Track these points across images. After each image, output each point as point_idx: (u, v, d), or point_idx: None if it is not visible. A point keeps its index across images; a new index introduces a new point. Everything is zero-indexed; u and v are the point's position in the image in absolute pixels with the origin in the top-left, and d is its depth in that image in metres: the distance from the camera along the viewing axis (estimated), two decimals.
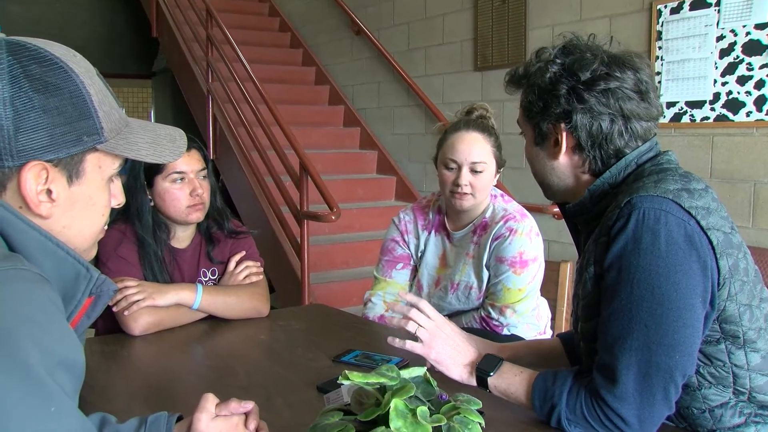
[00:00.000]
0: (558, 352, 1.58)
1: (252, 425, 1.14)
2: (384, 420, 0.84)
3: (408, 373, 0.93)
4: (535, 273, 2.08)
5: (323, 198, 3.97)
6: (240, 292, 2.08)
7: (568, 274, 2.30)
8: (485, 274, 2.10)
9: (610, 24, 3.89)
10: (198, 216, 2.05)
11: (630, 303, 1.17)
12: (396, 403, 0.84)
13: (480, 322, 2.09)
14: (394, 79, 5.58)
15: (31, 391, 0.70)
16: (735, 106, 3.34)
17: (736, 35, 3.32)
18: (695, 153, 3.52)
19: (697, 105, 3.48)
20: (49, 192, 0.88)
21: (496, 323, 2.05)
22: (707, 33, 3.43)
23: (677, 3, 3.54)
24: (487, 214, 2.13)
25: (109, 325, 1.99)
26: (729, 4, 3.33)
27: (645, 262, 1.15)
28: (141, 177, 2.01)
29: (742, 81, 3.31)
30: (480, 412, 0.90)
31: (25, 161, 0.85)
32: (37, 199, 0.87)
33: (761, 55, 3.24)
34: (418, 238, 2.25)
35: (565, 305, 2.29)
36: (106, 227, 1.04)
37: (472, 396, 0.93)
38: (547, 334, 2.21)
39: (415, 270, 2.28)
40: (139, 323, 1.90)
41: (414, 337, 1.43)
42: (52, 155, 0.87)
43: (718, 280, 1.18)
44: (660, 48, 3.63)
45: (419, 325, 1.42)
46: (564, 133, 1.32)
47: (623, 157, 1.30)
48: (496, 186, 2.19)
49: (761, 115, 3.25)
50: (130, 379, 1.63)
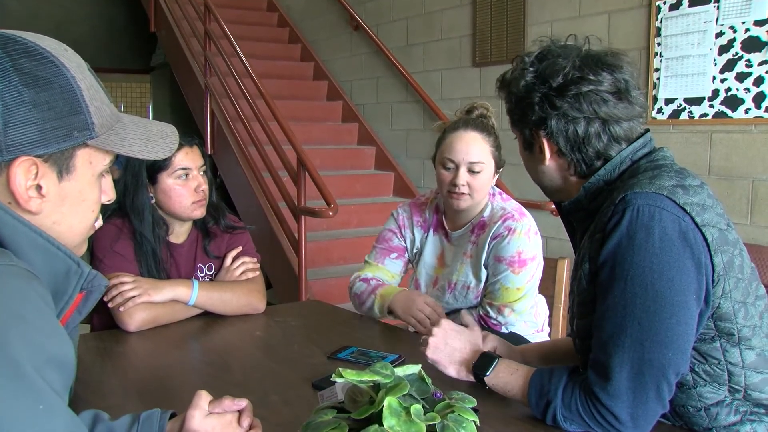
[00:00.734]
0: (572, 354, 1.57)
1: (245, 422, 1.14)
2: (378, 418, 0.83)
3: (402, 370, 0.92)
4: (534, 272, 2.07)
5: (321, 194, 3.97)
6: (236, 288, 2.08)
7: (565, 271, 2.30)
8: (483, 274, 2.09)
9: (608, 20, 3.88)
10: (201, 212, 2.06)
11: (624, 300, 1.16)
12: (390, 401, 0.83)
13: (478, 320, 2.09)
14: (393, 75, 5.57)
15: (20, 389, 0.69)
16: (734, 103, 3.33)
17: (735, 32, 3.31)
18: (694, 150, 3.52)
19: (696, 102, 3.48)
20: (38, 187, 0.87)
21: (495, 322, 2.05)
22: (706, 29, 3.42)
23: None
24: (486, 214, 2.12)
25: (105, 321, 1.99)
26: (728, 1, 3.32)
27: (639, 259, 1.15)
28: (143, 174, 2.00)
29: (741, 78, 3.30)
30: (475, 410, 0.90)
31: (14, 156, 0.84)
32: (26, 194, 0.86)
33: (760, 51, 3.23)
34: (413, 235, 2.24)
35: (563, 302, 2.29)
36: (101, 222, 1.03)
37: (466, 394, 0.92)
38: (545, 332, 2.21)
39: (407, 264, 2.27)
40: (135, 319, 1.89)
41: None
42: (42, 150, 0.86)
43: (713, 277, 1.18)
44: (659, 44, 3.62)
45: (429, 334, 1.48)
46: (543, 140, 1.33)
47: (608, 159, 1.29)
48: (494, 184, 2.18)
49: (760, 112, 3.24)
50: (124, 375, 1.62)
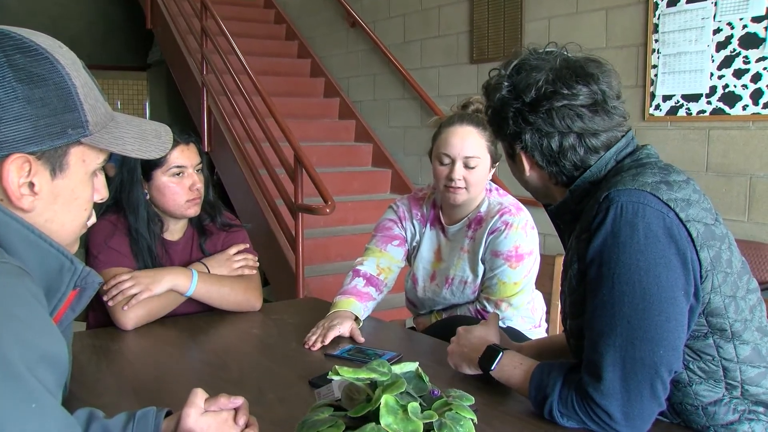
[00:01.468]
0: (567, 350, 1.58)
1: (241, 421, 1.13)
2: (375, 416, 0.83)
3: (400, 368, 0.92)
4: (531, 267, 2.07)
5: (318, 191, 3.96)
6: (234, 283, 2.07)
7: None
8: (480, 269, 2.09)
9: (606, 16, 3.88)
10: (195, 210, 2.04)
11: (612, 298, 1.16)
12: (387, 399, 0.83)
13: (475, 314, 2.09)
14: (390, 72, 5.56)
15: (11, 388, 0.68)
16: (731, 99, 3.33)
17: (732, 28, 3.31)
18: (691, 146, 3.51)
19: (694, 98, 3.47)
20: (31, 185, 0.87)
21: None
22: (704, 26, 3.42)
23: None
24: (482, 209, 2.12)
25: (100, 319, 1.98)
26: None
27: (625, 257, 1.15)
28: (137, 171, 1.99)
29: (739, 74, 3.30)
30: (472, 408, 0.89)
31: (7, 153, 0.83)
32: (19, 192, 0.85)
33: (758, 48, 3.23)
34: (413, 228, 2.24)
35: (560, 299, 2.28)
36: (94, 220, 1.02)
37: (464, 392, 0.92)
38: (542, 327, 2.21)
39: (407, 254, 2.26)
40: (131, 318, 1.89)
41: None
42: (36, 147, 0.85)
43: (701, 272, 1.18)
44: (656, 41, 3.62)
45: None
46: (521, 153, 1.34)
47: (587, 168, 1.29)
48: (491, 180, 2.18)
49: (757, 109, 3.24)
50: (120, 373, 1.61)
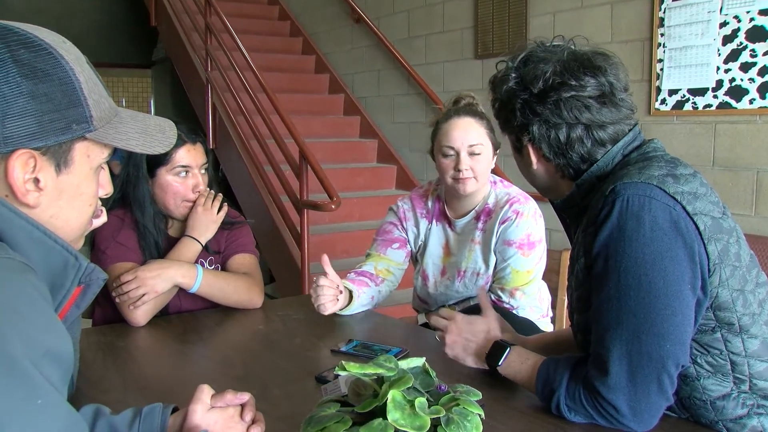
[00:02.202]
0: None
1: (248, 416, 1.13)
2: (381, 411, 0.82)
3: (406, 363, 0.92)
4: (541, 255, 2.11)
5: (323, 187, 3.96)
6: (238, 281, 2.07)
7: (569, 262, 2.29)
8: (492, 259, 2.11)
9: (611, 11, 3.86)
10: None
11: (618, 292, 1.16)
12: (394, 395, 0.83)
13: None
14: (395, 68, 5.55)
15: (16, 384, 0.68)
16: (738, 93, 3.31)
17: (739, 21, 3.29)
18: (697, 141, 3.50)
19: (700, 92, 3.45)
20: (36, 181, 0.86)
21: (507, 305, 2.06)
22: (710, 19, 3.40)
23: None
24: (490, 200, 2.14)
25: (106, 316, 1.98)
26: None
27: (630, 250, 1.14)
28: (143, 166, 1.98)
29: (746, 68, 3.28)
30: (479, 403, 0.89)
31: (12, 149, 0.83)
32: (24, 188, 0.85)
33: (765, 41, 3.20)
34: (417, 227, 2.24)
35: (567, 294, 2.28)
36: (105, 219, 1.02)
37: (471, 387, 0.92)
38: (548, 317, 2.23)
39: (410, 256, 2.27)
40: (139, 315, 1.89)
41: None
42: (41, 143, 0.85)
43: (708, 266, 1.17)
44: (662, 35, 3.60)
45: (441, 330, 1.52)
46: (528, 145, 1.33)
47: (594, 162, 1.29)
48: (494, 173, 2.19)
49: (764, 103, 3.22)
50: (126, 370, 1.61)
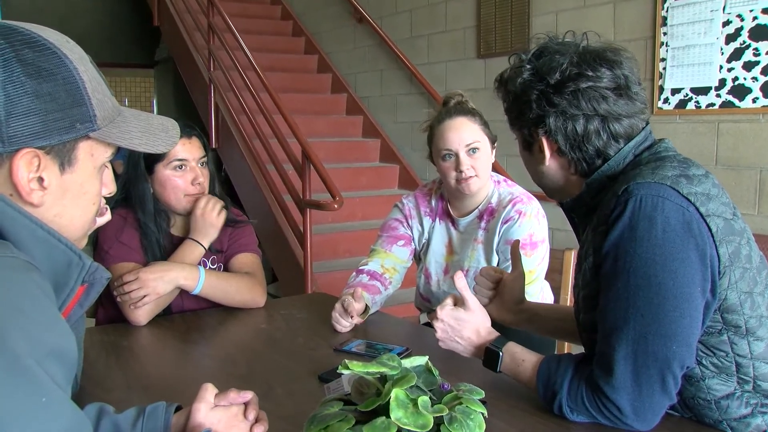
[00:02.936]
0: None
1: (251, 415, 1.13)
2: (385, 410, 0.82)
3: (409, 362, 0.92)
4: (544, 254, 2.10)
5: (326, 186, 3.96)
6: (240, 281, 2.07)
7: (572, 262, 2.29)
8: (495, 259, 2.11)
9: (614, 10, 3.86)
10: None
11: (627, 292, 1.15)
12: (397, 393, 0.83)
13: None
14: (397, 67, 5.55)
15: (21, 382, 0.68)
16: (741, 92, 3.30)
17: (742, 20, 3.28)
18: (700, 140, 3.49)
19: (703, 91, 3.45)
20: (40, 180, 0.87)
21: None
22: (713, 18, 3.39)
23: None
24: (493, 200, 2.14)
25: (109, 315, 1.99)
26: None
27: (642, 250, 1.14)
28: (141, 164, 1.99)
29: (749, 67, 3.27)
30: (482, 401, 0.89)
31: (17, 148, 0.83)
32: (28, 186, 0.85)
33: None
34: (422, 225, 2.24)
35: (569, 294, 2.28)
36: (109, 217, 1.03)
37: (474, 386, 0.92)
38: None
39: (413, 253, 2.27)
40: (141, 315, 1.90)
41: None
42: (45, 142, 0.85)
43: (719, 268, 1.16)
44: (665, 34, 3.59)
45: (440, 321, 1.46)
46: (543, 138, 1.31)
47: (608, 158, 1.28)
48: (498, 172, 2.19)
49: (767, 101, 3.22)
50: (129, 368, 1.62)
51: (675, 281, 1.13)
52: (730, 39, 3.33)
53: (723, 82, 3.37)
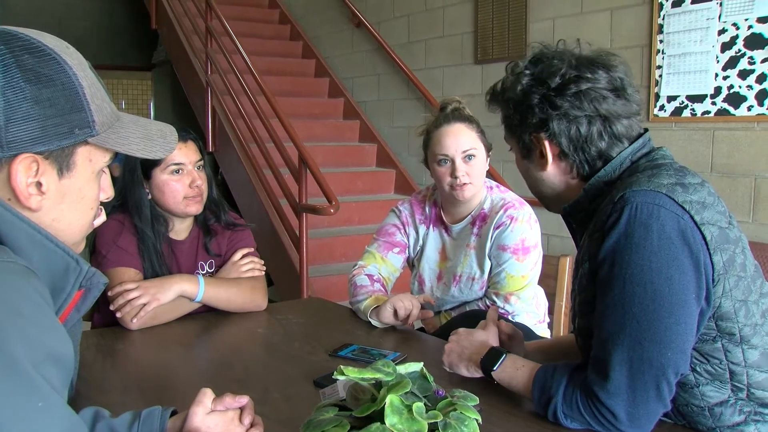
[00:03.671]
0: (574, 350, 1.57)
1: (247, 420, 1.14)
2: (379, 416, 0.83)
3: (404, 368, 0.92)
4: (536, 259, 2.11)
5: (322, 191, 3.96)
6: (241, 285, 2.07)
7: (567, 268, 2.30)
8: (487, 264, 2.11)
9: (611, 17, 3.87)
10: (197, 208, 2.04)
11: (622, 298, 1.16)
12: (392, 399, 0.83)
13: (486, 310, 2.10)
14: (394, 72, 5.56)
15: (18, 386, 0.69)
16: (736, 100, 3.32)
17: (738, 29, 3.30)
18: (696, 147, 3.51)
19: (698, 99, 3.47)
20: (39, 184, 0.87)
21: (502, 311, 2.06)
22: (709, 26, 3.41)
23: None
24: (486, 206, 2.15)
25: (105, 319, 1.99)
26: None
27: (637, 257, 1.15)
28: (137, 170, 1.99)
29: (744, 75, 3.29)
30: (477, 408, 0.89)
31: (15, 153, 0.84)
32: (27, 191, 0.86)
33: (763, 48, 3.22)
34: (417, 232, 2.25)
35: (564, 300, 2.29)
36: (104, 218, 1.03)
37: (469, 392, 0.92)
38: (545, 322, 2.23)
39: (408, 259, 2.28)
40: (138, 319, 1.89)
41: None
42: (43, 147, 0.86)
43: (713, 276, 1.17)
44: (661, 41, 3.61)
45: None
46: (546, 142, 1.32)
47: (609, 160, 1.29)
48: (494, 178, 2.20)
49: (762, 110, 3.23)
50: (125, 372, 1.62)
51: (670, 288, 1.13)
52: (726, 47, 3.35)
53: (718, 90, 3.39)
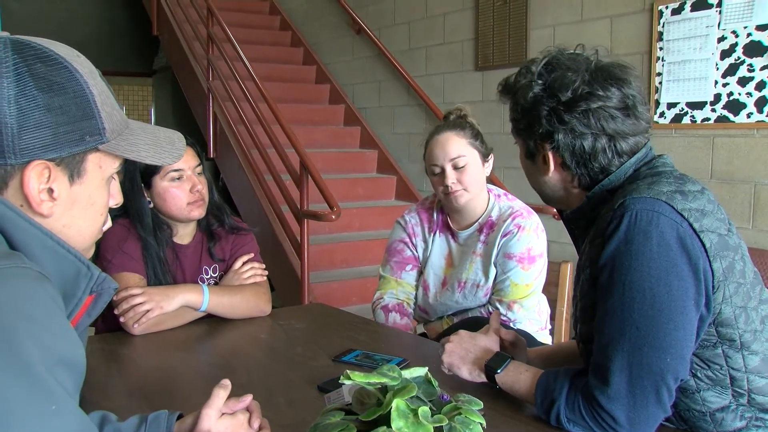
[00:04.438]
0: (575, 357, 1.58)
1: (256, 423, 1.16)
2: (385, 420, 0.84)
3: (409, 373, 0.93)
4: (541, 269, 2.12)
5: (323, 197, 3.97)
6: (245, 291, 2.08)
7: (568, 274, 2.31)
8: (492, 272, 2.12)
9: (611, 24, 3.89)
10: (200, 212, 2.05)
11: (622, 305, 1.17)
12: (398, 403, 0.84)
13: (488, 316, 2.11)
14: (395, 78, 5.58)
15: (32, 390, 0.70)
16: (736, 107, 3.34)
17: (737, 36, 3.32)
18: (695, 154, 3.52)
19: (698, 106, 3.48)
20: (50, 191, 0.88)
21: (504, 318, 2.07)
22: (708, 34, 3.43)
23: (678, 4, 3.54)
24: (494, 214, 2.16)
25: (109, 324, 1.99)
26: (730, 6, 3.33)
27: (637, 264, 1.16)
28: (137, 179, 2.00)
29: (743, 82, 3.31)
30: (481, 412, 0.90)
31: (28, 160, 0.85)
32: (39, 197, 0.87)
33: (762, 56, 3.24)
34: (425, 242, 2.26)
35: (565, 306, 2.30)
36: (110, 224, 1.05)
37: (473, 396, 0.93)
38: (547, 329, 2.24)
39: (420, 272, 2.29)
40: (137, 326, 1.90)
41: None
42: (55, 154, 0.87)
43: (713, 282, 1.18)
44: (661, 49, 3.63)
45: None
46: (549, 152, 1.33)
47: (611, 173, 1.29)
48: (494, 184, 2.21)
49: (762, 117, 3.25)
50: (129, 377, 1.63)
51: (669, 294, 1.14)
52: (725, 54, 3.37)
53: (718, 97, 3.40)
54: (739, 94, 3.32)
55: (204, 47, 5.72)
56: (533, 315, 2.13)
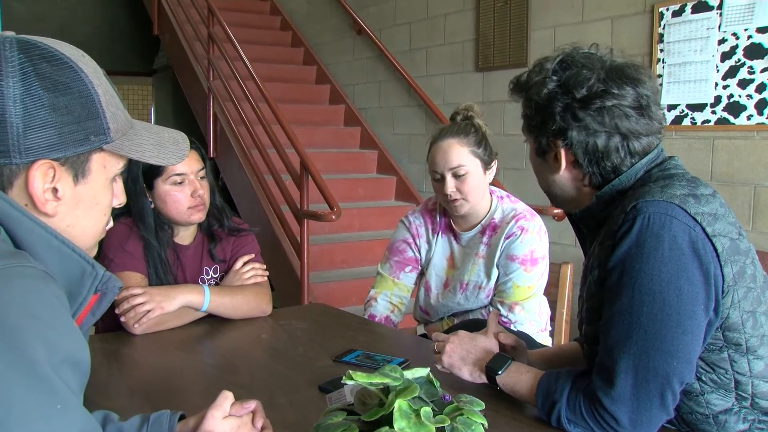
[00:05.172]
0: (576, 359, 1.58)
1: (259, 424, 1.16)
2: (388, 420, 0.84)
3: (411, 373, 0.93)
4: (543, 271, 2.12)
5: (323, 197, 3.98)
6: (246, 291, 2.09)
7: (568, 276, 2.31)
8: (495, 273, 2.13)
9: (611, 26, 3.90)
10: (200, 216, 2.05)
11: (631, 307, 1.17)
12: (400, 404, 0.84)
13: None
14: (396, 79, 5.58)
15: (37, 388, 0.70)
16: (736, 109, 3.34)
17: (737, 38, 3.33)
18: (696, 156, 3.53)
19: (698, 108, 3.49)
20: (55, 190, 0.89)
21: (505, 320, 2.08)
22: (709, 36, 3.43)
23: (679, 6, 3.54)
24: (496, 216, 2.16)
25: (109, 324, 1.99)
26: (731, 8, 3.34)
27: (647, 267, 1.15)
28: (140, 180, 2.00)
29: (744, 84, 3.31)
30: (483, 413, 0.91)
31: (33, 159, 0.86)
32: (43, 197, 0.88)
33: (763, 58, 3.24)
34: (429, 243, 2.26)
35: (565, 307, 2.30)
36: (112, 224, 1.05)
37: (475, 397, 0.93)
38: (547, 331, 2.24)
39: (421, 274, 2.29)
40: (137, 326, 1.90)
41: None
42: (60, 154, 0.87)
43: (723, 287, 1.18)
44: (661, 50, 3.63)
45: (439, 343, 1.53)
46: (562, 150, 1.32)
47: (622, 173, 1.29)
48: (497, 186, 2.21)
49: (762, 119, 3.25)
50: (131, 376, 1.63)
51: (679, 298, 1.14)
52: (726, 57, 3.37)
53: (718, 99, 3.40)
54: (740, 97, 3.32)
55: (204, 47, 5.73)
56: (534, 316, 2.13)
